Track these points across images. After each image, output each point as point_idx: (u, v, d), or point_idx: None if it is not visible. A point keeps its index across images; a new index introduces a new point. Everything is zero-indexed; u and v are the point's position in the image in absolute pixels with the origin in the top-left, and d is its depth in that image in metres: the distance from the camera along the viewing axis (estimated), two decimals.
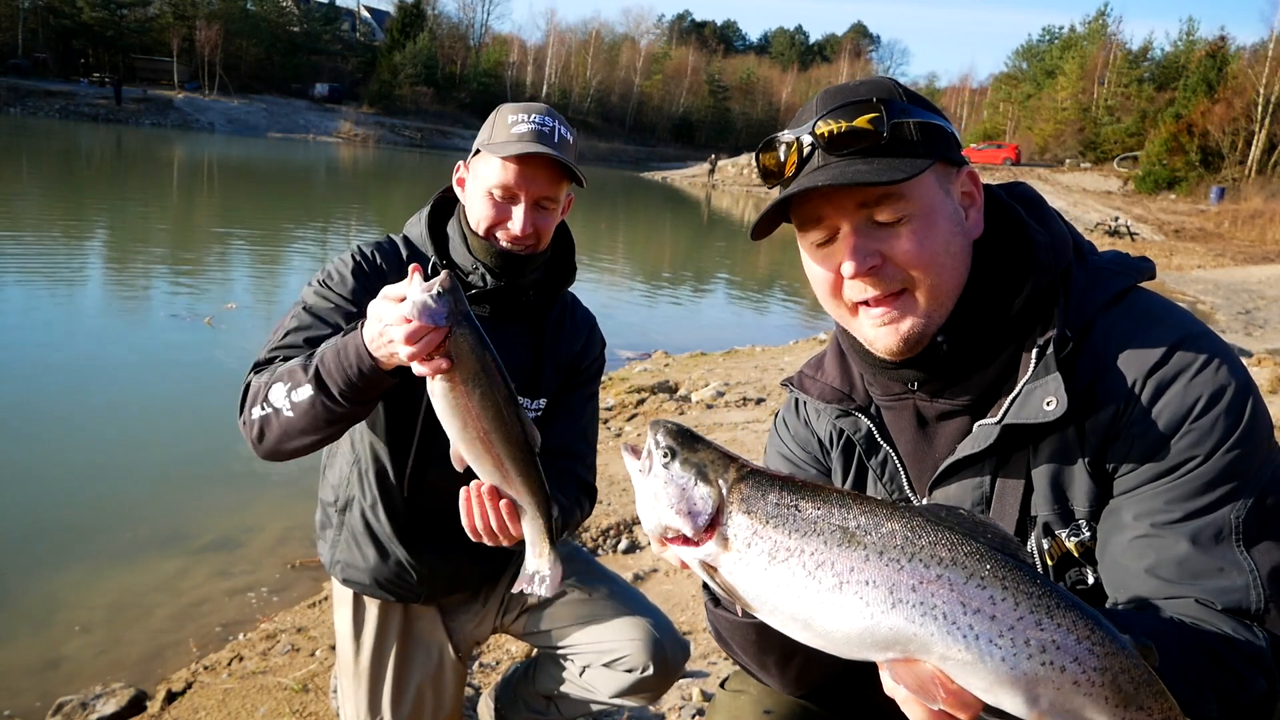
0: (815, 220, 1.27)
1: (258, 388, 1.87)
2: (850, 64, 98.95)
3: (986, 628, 0.90)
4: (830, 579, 0.95)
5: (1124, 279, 1.30)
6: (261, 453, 1.90)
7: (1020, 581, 0.91)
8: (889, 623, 0.92)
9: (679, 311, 13.88)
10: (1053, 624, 0.89)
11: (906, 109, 1.24)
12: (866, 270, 1.23)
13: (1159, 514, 1.18)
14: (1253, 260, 26.32)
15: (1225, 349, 1.21)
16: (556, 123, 2.05)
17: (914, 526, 0.95)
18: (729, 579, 1.02)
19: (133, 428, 6.29)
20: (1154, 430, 1.18)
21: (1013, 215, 1.35)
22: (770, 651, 1.36)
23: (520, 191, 2.00)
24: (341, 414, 1.78)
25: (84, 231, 15.23)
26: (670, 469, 1.05)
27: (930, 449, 1.38)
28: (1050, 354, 1.23)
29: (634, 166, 64.87)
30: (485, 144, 2.04)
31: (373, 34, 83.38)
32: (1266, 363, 9.75)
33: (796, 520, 0.98)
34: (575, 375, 2.30)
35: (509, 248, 2.05)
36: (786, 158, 1.27)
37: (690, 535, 1.03)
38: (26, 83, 50.14)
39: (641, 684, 2.23)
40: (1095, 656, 0.89)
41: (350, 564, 2.27)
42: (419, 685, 2.31)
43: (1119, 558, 1.21)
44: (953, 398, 1.33)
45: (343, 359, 1.72)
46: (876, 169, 1.19)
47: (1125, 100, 58.33)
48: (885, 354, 1.30)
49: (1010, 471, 1.29)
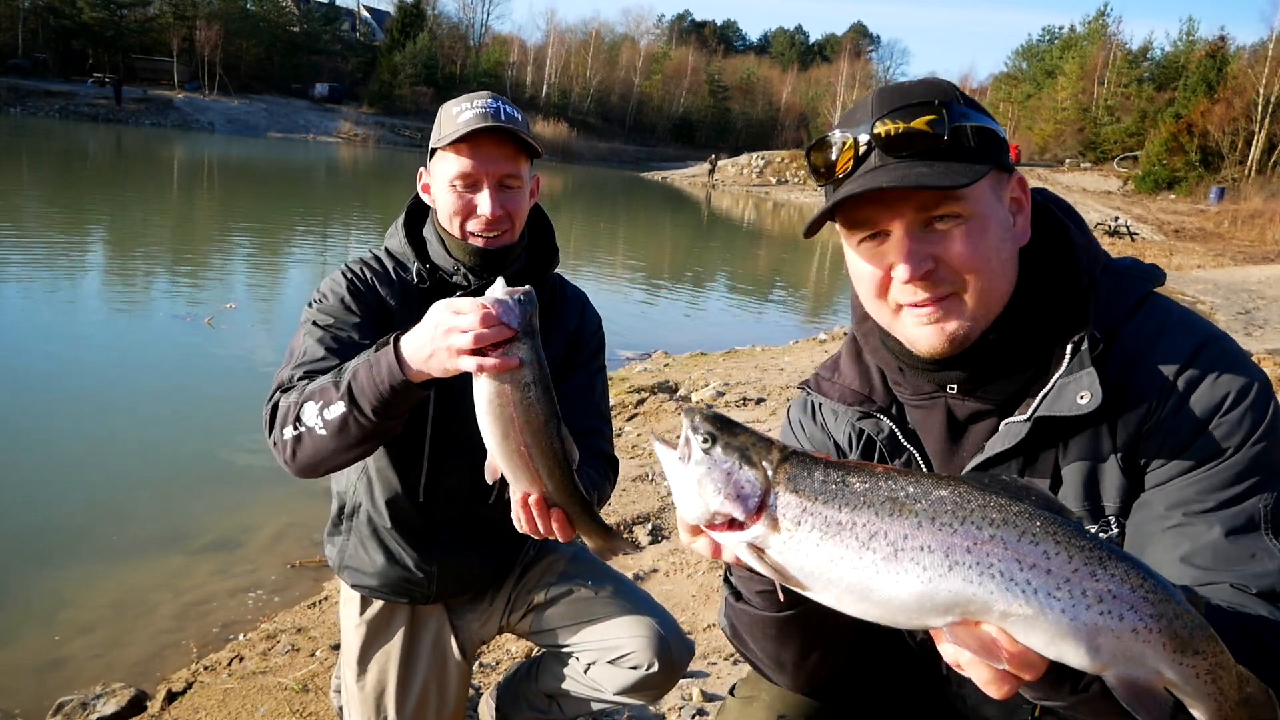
0: (867, 222, 1.26)
1: (287, 407, 1.87)
2: (850, 64, 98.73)
3: (1044, 582, 0.91)
4: (885, 548, 0.96)
5: (1145, 284, 1.33)
6: (295, 470, 1.91)
7: (1071, 536, 0.93)
8: (948, 585, 0.93)
9: (679, 311, 13.87)
10: (1107, 574, 0.91)
11: (965, 113, 1.24)
12: (921, 274, 1.23)
13: (1191, 504, 1.21)
14: (1253, 260, 26.31)
15: (1242, 351, 1.27)
16: (500, 104, 2.05)
17: (962, 492, 0.97)
18: (779, 559, 1.02)
19: (133, 428, 6.29)
20: (1185, 425, 1.22)
21: (1052, 219, 1.37)
22: (788, 648, 1.36)
23: (480, 174, 2.01)
24: (374, 429, 1.79)
25: (84, 232, 15.23)
26: (713, 454, 1.05)
27: (959, 449, 1.39)
28: (1085, 350, 1.25)
29: (634, 166, 64.85)
30: (436, 141, 2.06)
31: (373, 34, 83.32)
32: (1266, 362, 9.75)
33: (845, 494, 0.99)
34: (579, 350, 2.31)
35: (484, 240, 2.06)
36: (840, 156, 1.26)
37: (740, 518, 1.03)
38: (26, 83, 50.07)
39: (646, 681, 2.23)
40: (1150, 604, 0.91)
41: (357, 569, 2.29)
42: (423, 684, 2.32)
43: (1153, 548, 1.23)
44: (985, 398, 1.34)
45: (375, 373, 1.74)
46: (937, 173, 1.19)
47: (1125, 100, 58.32)
48: (928, 353, 1.30)
49: (1038, 470, 1.31)
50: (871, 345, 1.43)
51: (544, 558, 2.43)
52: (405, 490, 2.19)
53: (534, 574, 2.41)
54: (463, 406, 2.11)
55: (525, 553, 2.44)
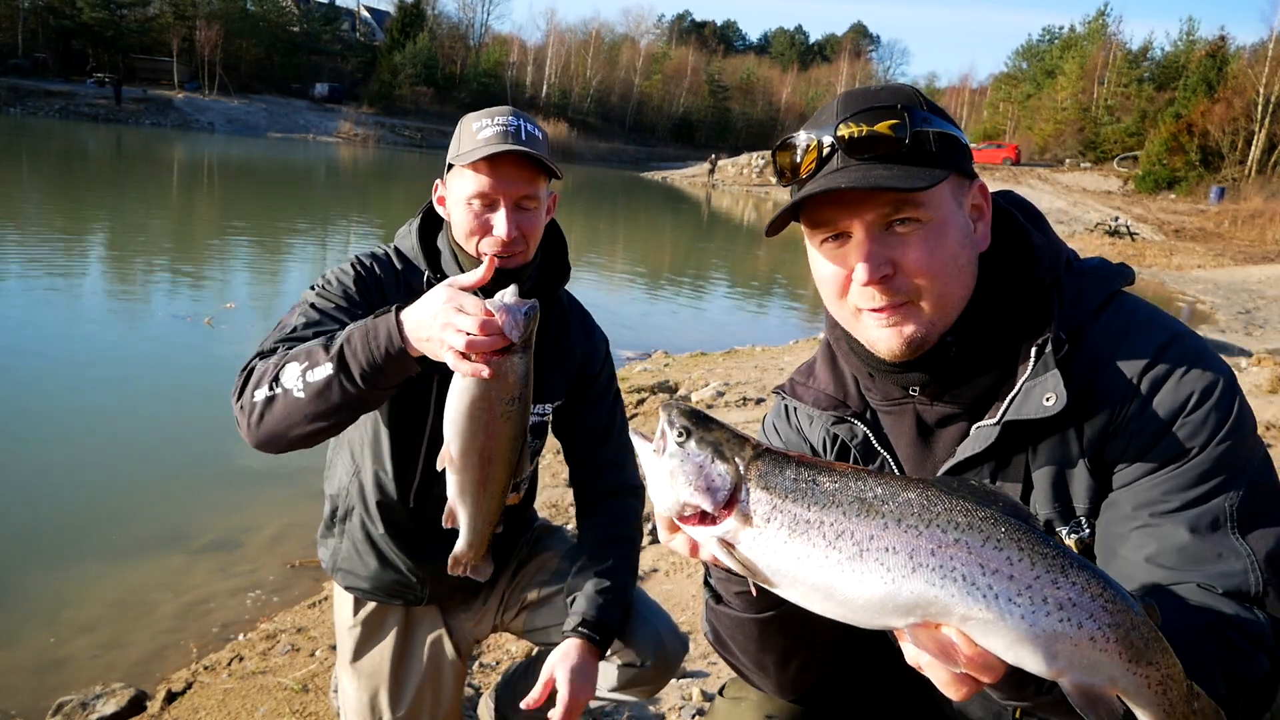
0: (828, 222, 1.27)
1: (264, 369, 1.82)
2: (850, 64, 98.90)
3: (1005, 587, 0.92)
4: (851, 548, 0.97)
5: (1110, 284, 1.34)
6: (257, 437, 1.82)
7: (1034, 543, 0.94)
8: (910, 587, 0.94)
9: (679, 311, 13.87)
10: (1068, 582, 0.93)
11: (928, 118, 1.25)
12: (879, 279, 1.23)
13: (1158, 504, 1.22)
14: (1253, 260, 26.32)
15: (1208, 348, 1.27)
16: (522, 121, 2.03)
17: (929, 495, 0.98)
18: (749, 554, 1.03)
19: (133, 428, 6.29)
20: (1150, 426, 1.23)
21: (1013, 222, 1.38)
22: (770, 651, 1.36)
23: (498, 195, 1.99)
24: (356, 397, 1.73)
25: (84, 232, 15.24)
26: (686, 448, 1.06)
27: (930, 454, 1.39)
28: (1049, 352, 1.25)
29: (634, 166, 64.88)
30: (455, 156, 2.03)
31: (373, 34, 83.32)
32: (1266, 362, 9.75)
33: (815, 493, 1.00)
34: (591, 383, 2.32)
35: (498, 260, 2.04)
36: (804, 158, 1.27)
37: (709, 510, 1.04)
38: (26, 83, 50.07)
39: (640, 677, 2.24)
40: (1108, 613, 0.92)
41: (351, 571, 2.29)
42: (419, 684, 2.32)
43: (1120, 549, 1.24)
44: (952, 402, 1.35)
45: (371, 338, 1.69)
46: (897, 175, 1.20)
47: (1125, 100, 58.31)
48: (888, 356, 1.31)
49: (1009, 474, 1.32)
50: (843, 350, 1.44)
51: (537, 556, 2.43)
52: (399, 495, 2.18)
53: (527, 572, 2.41)
54: None
55: (518, 552, 2.44)
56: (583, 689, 2.00)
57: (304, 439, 1.83)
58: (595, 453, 2.32)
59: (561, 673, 1.99)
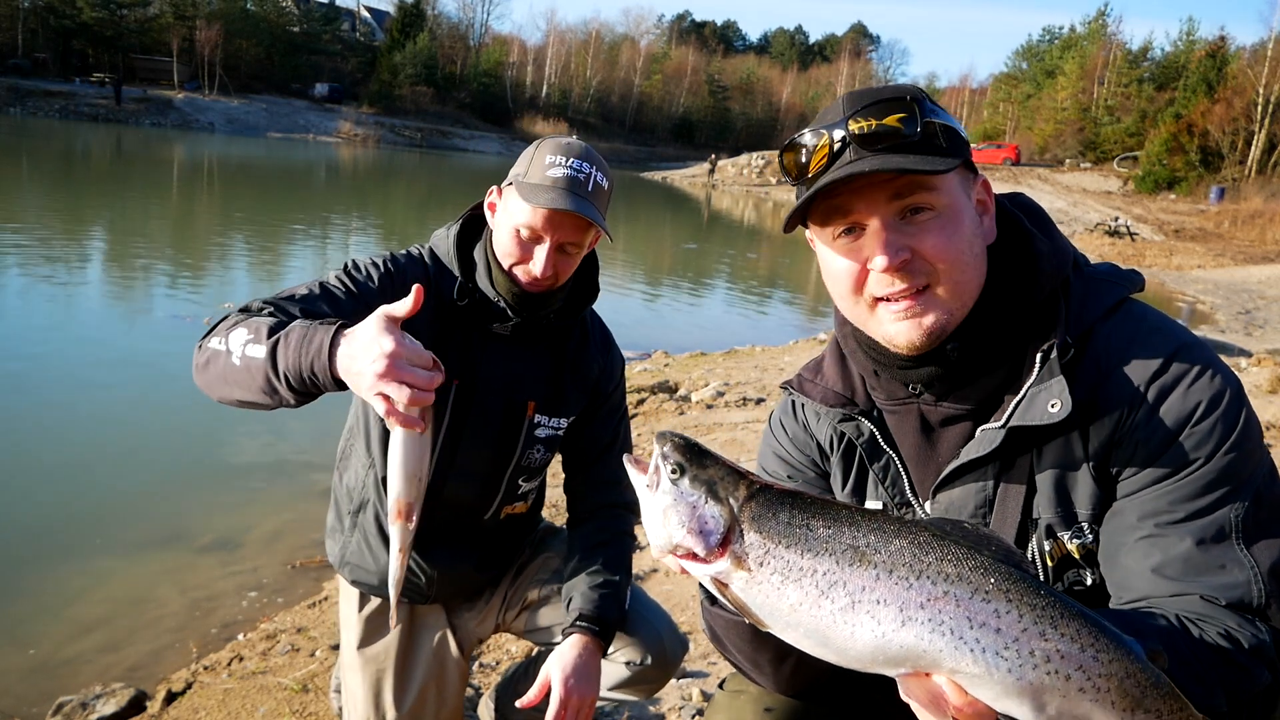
0: (842, 214, 1.27)
1: (231, 323, 1.77)
2: (850, 64, 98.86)
3: (992, 641, 0.93)
4: (843, 598, 0.98)
5: (1119, 290, 1.34)
6: (199, 382, 1.81)
7: (1024, 594, 0.94)
8: (900, 640, 0.95)
9: (679, 311, 13.87)
10: (1057, 634, 0.92)
11: (935, 110, 1.27)
12: (898, 264, 1.24)
13: (1163, 514, 1.22)
14: (1253, 260, 26.33)
15: (1217, 358, 1.27)
16: (594, 169, 2.01)
17: (920, 542, 0.98)
18: (742, 596, 1.03)
19: (132, 428, 6.28)
20: (1156, 435, 1.22)
21: (1018, 225, 1.38)
22: (764, 650, 1.36)
23: (546, 235, 1.99)
24: (277, 392, 1.68)
25: (84, 232, 15.24)
26: (679, 485, 1.06)
27: (934, 453, 1.39)
28: (1054, 358, 1.25)
29: (634, 166, 64.80)
30: (519, 179, 2.02)
31: (373, 34, 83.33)
32: (1266, 363, 9.75)
33: (809, 539, 1.00)
34: (604, 400, 2.33)
35: (527, 287, 2.05)
36: (813, 156, 1.27)
37: (701, 554, 1.04)
38: (26, 83, 50.04)
39: (639, 676, 2.24)
40: (1099, 663, 0.92)
41: (360, 565, 2.29)
42: (422, 682, 2.32)
43: (1125, 558, 1.24)
44: (957, 402, 1.35)
45: (304, 344, 1.61)
46: (914, 160, 1.21)
47: (1125, 100, 58.34)
48: (906, 348, 1.30)
49: (1013, 476, 1.31)
50: (850, 348, 1.44)
51: (539, 556, 2.44)
52: None
53: (529, 572, 2.42)
54: (481, 419, 2.15)
55: (521, 553, 2.45)
56: (587, 687, 2.00)
57: (235, 404, 1.80)
58: (596, 468, 2.34)
59: (560, 672, 1.99)
